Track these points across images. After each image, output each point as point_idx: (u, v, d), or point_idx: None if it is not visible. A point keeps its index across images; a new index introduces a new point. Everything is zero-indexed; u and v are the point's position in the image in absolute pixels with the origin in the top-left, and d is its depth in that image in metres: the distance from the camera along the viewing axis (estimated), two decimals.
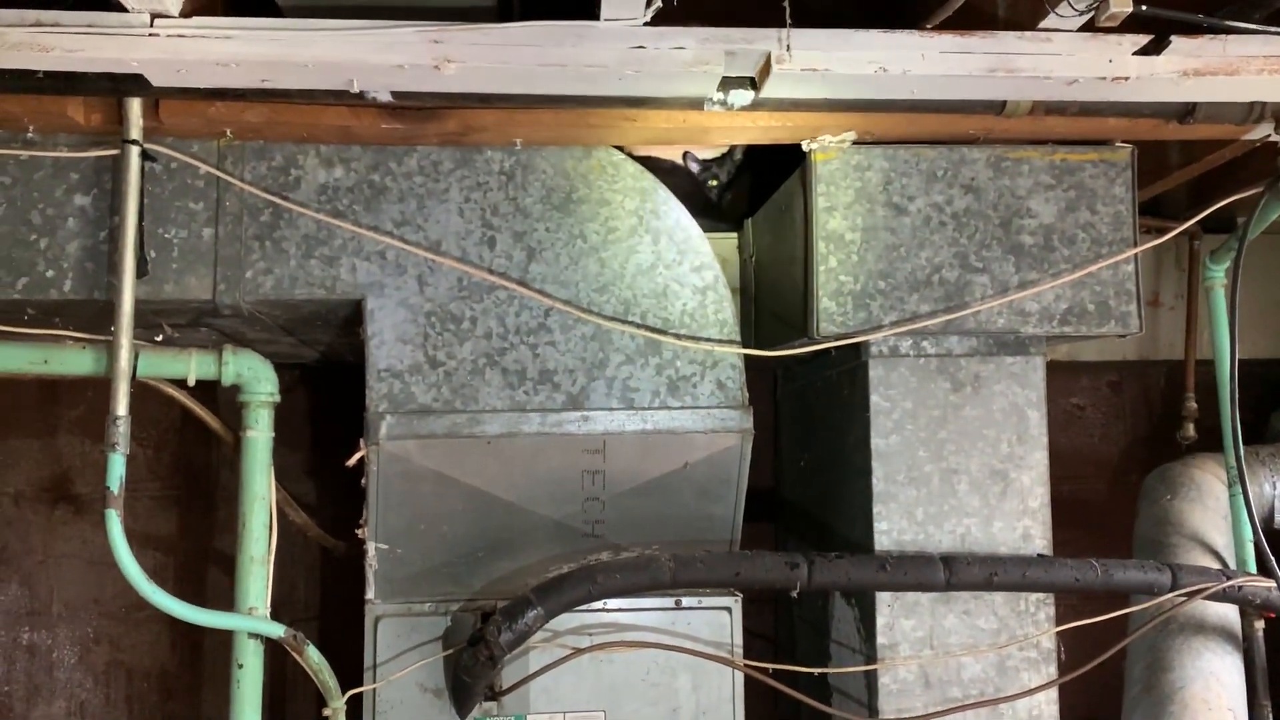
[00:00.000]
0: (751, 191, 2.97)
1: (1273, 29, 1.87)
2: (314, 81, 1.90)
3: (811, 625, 2.90)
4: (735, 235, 3.17)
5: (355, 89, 1.90)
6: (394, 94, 2.00)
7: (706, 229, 3.00)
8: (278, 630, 2.13)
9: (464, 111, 2.10)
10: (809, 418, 3.01)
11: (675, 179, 2.89)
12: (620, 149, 2.32)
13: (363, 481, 2.22)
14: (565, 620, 2.35)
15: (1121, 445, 3.67)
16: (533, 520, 2.33)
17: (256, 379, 2.19)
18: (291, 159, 2.22)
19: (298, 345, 2.77)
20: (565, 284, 2.26)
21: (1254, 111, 2.14)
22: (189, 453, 3.39)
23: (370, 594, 2.33)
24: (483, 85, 1.93)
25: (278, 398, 2.23)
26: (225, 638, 2.28)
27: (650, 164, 2.97)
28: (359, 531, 2.28)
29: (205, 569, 3.33)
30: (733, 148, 2.90)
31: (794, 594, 2.20)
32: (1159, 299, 3.42)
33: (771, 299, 2.75)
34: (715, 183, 2.97)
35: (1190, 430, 3.29)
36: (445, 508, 2.29)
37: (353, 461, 2.17)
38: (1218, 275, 2.72)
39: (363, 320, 2.21)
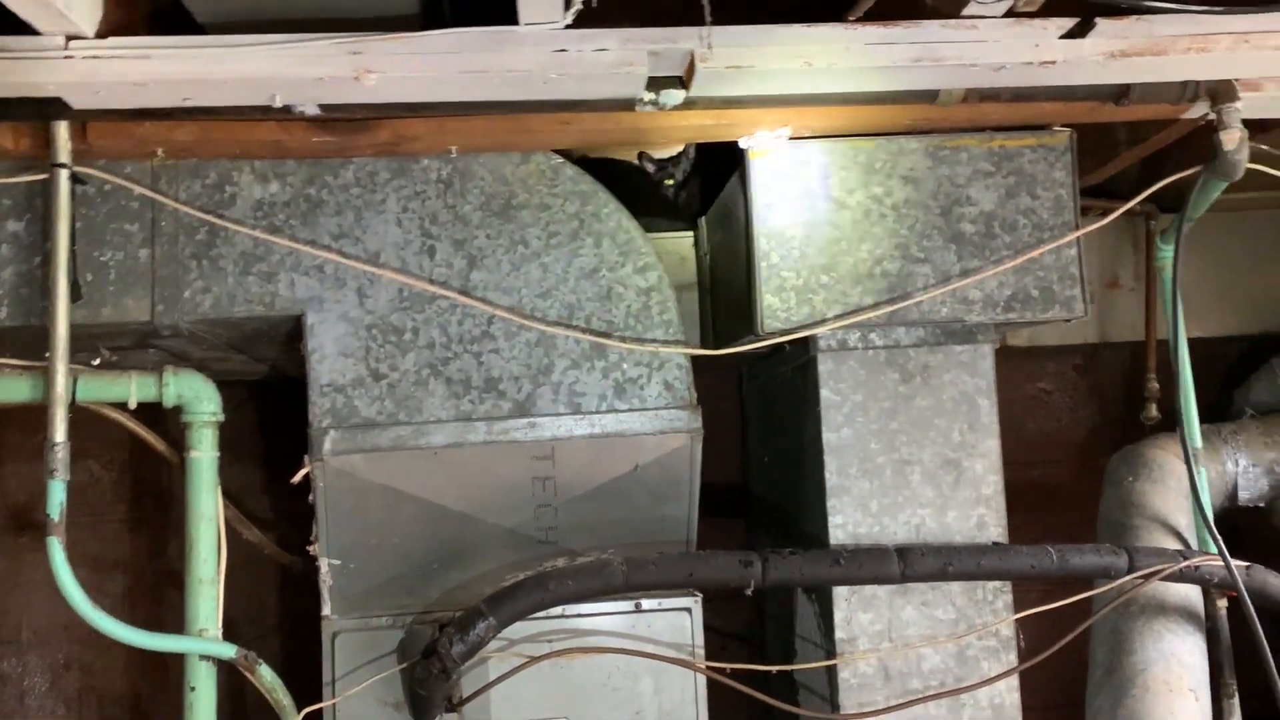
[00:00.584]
0: (704, 189, 2.97)
1: (1195, 8, 1.86)
2: (236, 98, 1.89)
3: (779, 622, 2.89)
4: (692, 234, 3.16)
5: (279, 103, 1.89)
6: (322, 106, 1.99)
7: (665, 228, 3.02)
8: (229, 651, 2.11)
9: (394, 121, 2.08)
10: (770, 414, 3.00)
11: (632, 181, 2.89)
12: (564, 153, 2.31)
13: (310, 498, 2.21)
14: (523, 628, 2.33)
15: (1088, 428, 3.67)
16: (485, 530, 2.32)
17: (198, 399, 2.18)
18: (226, 176, 2.21)
19: (249, 362, 2.76)
20: (508, 291, 2.25)
21: (1188, 90, 2.13)
22: (153, 475, 3.37)
23: (326, 610, 2.32)
24: (408, 95, 1.92)
25: (221, 417, 2.22)
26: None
27: (607, 166, 2.98)
28: (310, 548, 2.27)
29: (169, 591, 3.31)
30: (687, 146, 2.90)
31: (748, 592, 2.20)
32: (1118, 281, 3.42)
33: (725, 297, 2.74)
34: (671, 181, 2.96)
35: (1153, 411, 3.29)
36: (396, 520, 2.28)
37: (298, 478, 2.16)
38: (1168, 255, 2.70)
39: (303, 335, 2.20)
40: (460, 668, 2.11)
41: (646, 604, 2.41)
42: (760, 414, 3.18)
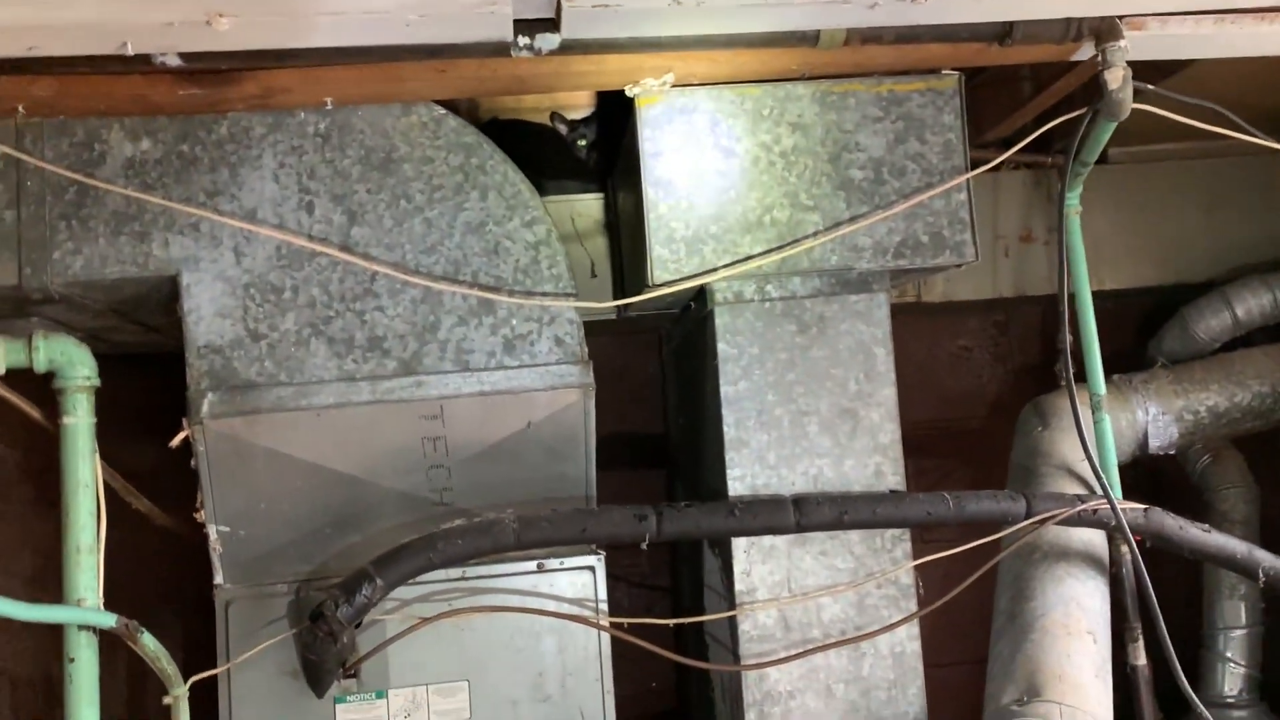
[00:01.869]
0: (612, 147, 2.92)
1: None
2: (85, 46, 1.82)
3: (691, 574, 2.88)
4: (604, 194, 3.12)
5: (131, 51, 1.82)
6: (184, 57, 1.92)
7: (580, 189, 2.97)
8: (109, 620, 2.06)
9: (262, 73, 2.02)
10: (681, 372, 2.98)
11: (545, 142, 2.84)
12: (476, 116, 2.26)
13: (192, 463, 2.16)
14: (423, 588, 2.31)
15: (1009, 384, 3.68)
16: (377, 492, 2.28)
17: (71, 364, 2.11)
18: (94, 134, 2.14)
19: (144, 332, 2.69)
20: (391, 247, 2.20)
21: (1071, 29, 2.12)
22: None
23: (218, 578, 2.28)
24: (266, 40, 1.86)
25: (96, 381, 2.15)
26: (111, 639, 2.20)
27: (519, 127, 2.93)
28: (197, 514, 2.22)
29: None
30: (598, 105, 2.85)
31: (643, 546, 2.18)
32: (1032, 234, 3.42)
33: (630, 252, 2.70)
34: (584, 142, 2.91)
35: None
36: (284, 485, 2.23)
37: (176, 442, 2.11)
38: (1073, 203, 2.71)
39: (179, 296, 2.14)
40: (347, 630, 2.07)
41: (550, 563, 2.39)
42: (675, 372, 3.16)
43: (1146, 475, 3.20)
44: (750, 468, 2.31)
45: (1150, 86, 2.20)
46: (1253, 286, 3.14)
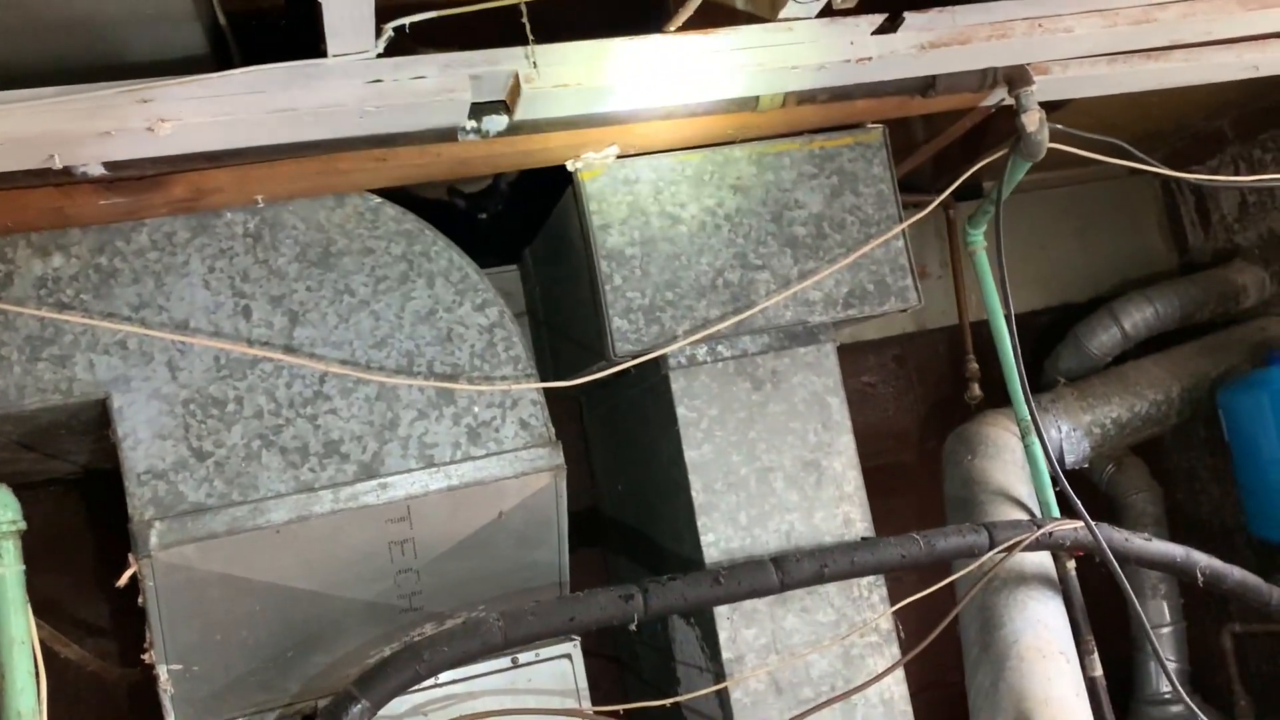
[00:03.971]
0: (525, 220, 2.88)
1: None
2: (6, 163, 1.66)
3: (653, 648, 2.82)
4: (516, 268, 3.07)
5: (58, 164, 1.68)
6: (108, 165, 1.79)
7: (485, 265, 2.90)
8: None
9: (191, 175, 1.89)
10: (619, 439, 2.93)
11: (442, 217, 2.76)
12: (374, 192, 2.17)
13: (139, 600, 1.97)
14: (396, 705, 2.17)
15: (915, 415, 3.80)
16: (342, 606, 2.14)
17: None
18: None
19: (42, 460, 2.46)
20: (338, 344, 2.08)
21: (988, 78, 2.22)
22: None
23: None
24: (209, 143, 1.75)
25: (22, 525, 1.94)
26: None
27: (413, 205, 2.84)
28: (145, 656, 2.02)
29: None
30: (497, 178, 2.80)
31: (633, 627, 2.11)
32: (926, 270, 3.56)
33: (565, 325, 2.66)
34: (484, 215, 2.86)
35: (976, 390, 3.42)
36: (241, 611, 2.07)
37: (123, 580, 1.92)
38: (978, 239, 2.83)
39: (111, 420, 1.97)
40: None
41: (523, 657, 2.29)
42: (607, 441, 3.11)
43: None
44: (723, 531, 2.29)
45: (1060, 126, 2.33)
46: (1136, 301, 3.35)
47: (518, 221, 2.92)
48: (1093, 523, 2.38)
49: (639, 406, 2.60)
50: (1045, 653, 2.38)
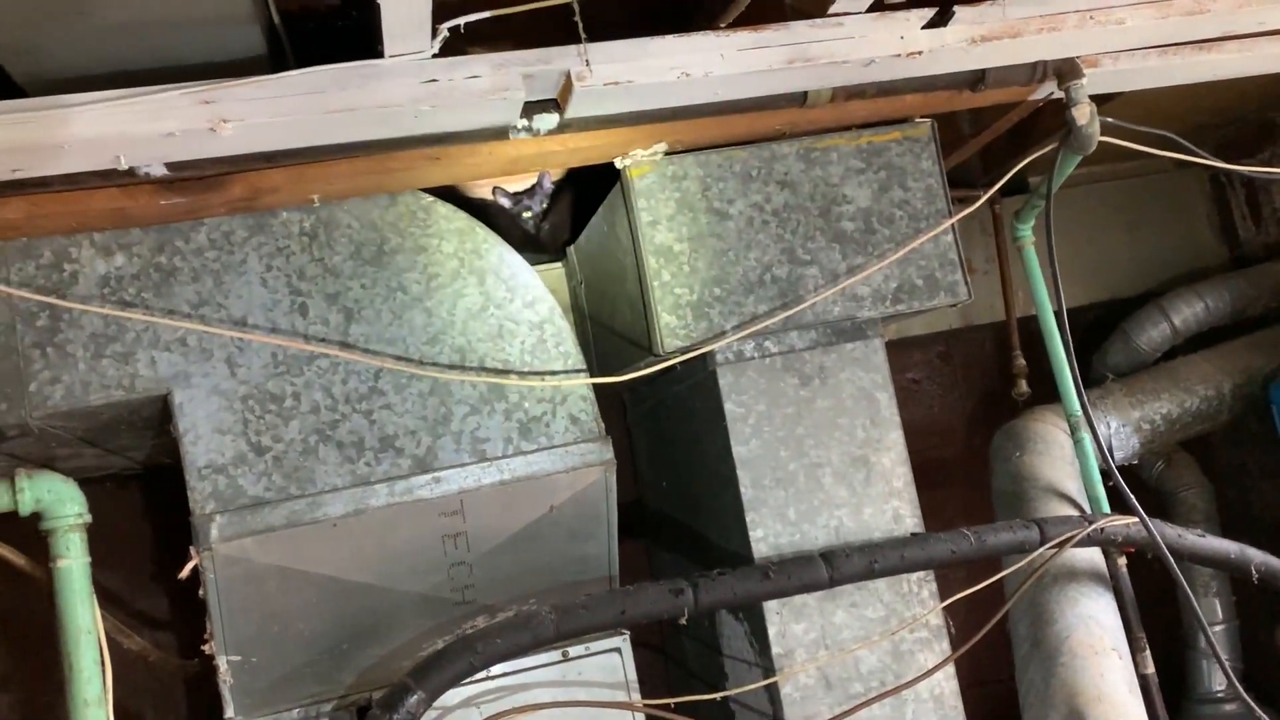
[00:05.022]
0: (571, 217, 2.90)
1: None
2: (76, 164, 1.71)
3: (701, 641, 2.83)
4: (560, 264, 3.09)
5: (124, 165, 1.72)
6: (169, 165, 1.83)
7: (531, 263, 2.93)
8: None
9: (249, 175, 1.93)
10: (664, 435, 2.95)
11: (488, 216, 2.79)
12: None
13: (200, 592, 2.01)
14: (449, 697, 2.20)
15: (961, 411, 3.78)
16: (396, 598, 2.17)
17: (60, 501, 1.95)
18: (63, 253, 2.00)
19: (102, 456, 2.52)
20: (392, 341, 2.12)
21: (1038, 71, 2.21)
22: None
23: (229, 712, 2.12)
24: (268, 143, 1.78)
25: (88, 518, 2.00)
26: None
27: (459, 205, 2.87)
28: (205, 647, 2.07)
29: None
30: (541, 176, 2.82)
31: (683, 621, 2.13)
32: (972, 265, 3.52)
33: (610, 322, 2.67)
34: (529, 214, 2.88)
35: (1023, 386, 3.40)
36: (298, 603, 2.10)
37: (185, 573, 1.96)
38: (1026, 234, 2.81)
39: (172, 416, 2.01)
40: None
41: (574, 651, 2.31)
42: (651, 437, 3.12)
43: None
44: (772, 526, 2.29)
45: (1110, 119, 2.31)
46: (1185, 297, 3.31)
47: (561, 218, 2.94)
48: (1148, 519, 2.35)
49: (685, 402, 2.61)
50: (1097, 649, 2.36)
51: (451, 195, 2.80)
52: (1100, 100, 2.60)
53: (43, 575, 2.00)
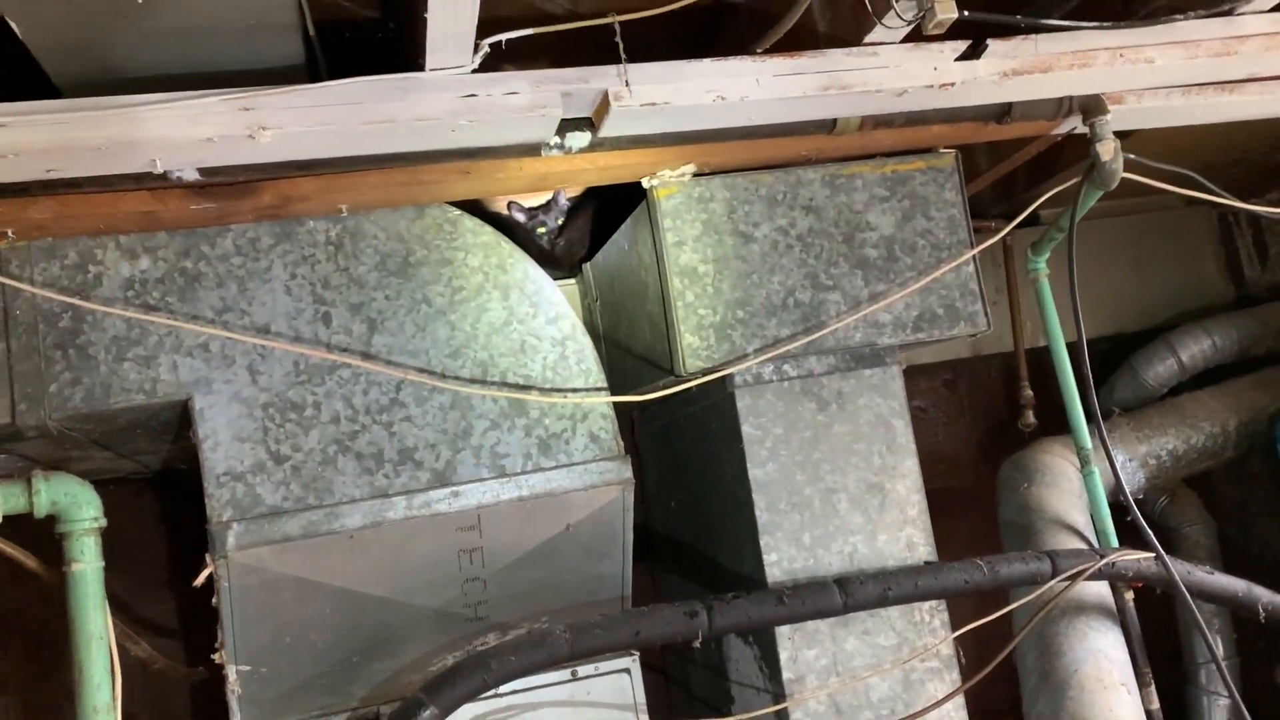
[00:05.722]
0: (588, 235, 2.90)
1: (1079, 24, 1.94)
2: (111, 166, 1.70)
3: (704, 665, 2.81)
4: (574, 281, 3.09)
5: (159, 169, 1.71)
6: (201, 171, 1.82)
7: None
8: None
9: (280, 182, 1.93)
10: (675, 456, 2.94)
11: (503, 231, 2.79)
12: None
13: (213, 600, 1.99)
14: (458, 715, 2.18)
15: (966, 440, 3.79)
16: (409, 613, 2.16)
17: (76, 505, 1.93)
18: (88, 254, 1.99)
19: (113, 459, 2.50)
20: (414, 353, 2.11)
21: (1063, 106, 2.23)
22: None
23: None
24: (304, 151, 1.78)
25: (103, 522, 1.98)
26: None
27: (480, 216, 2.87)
28: (215, 655, 2.05)
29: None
30: (556, 192, 2.83)
31: (696, 644, 2.12)
32: None
33: (628, 341, 2.67)
34: (544, 230, 2.88)
35: (1030, 417, 3.41)
36: (311, 614, 2.09)
37: (200, 580, 1.95)
38: (1040, 266, 2.82)
39: (192, 421, 2.00)
40: None
41: (583, 671, 2.29)
42: (660, 458, 3.12)
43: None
44: (786, 551, 2.29)
45: (1134, 156, 2.33)
46: (1193, 333, 3.33)
47: (577, 235, 2.94)
48: (1165, 555, 2.36)
49: (699, 423, 2.61)
50: (1106, 683, 2.36)
51: (468, 209, 2.82)
52: (1118, 136, 2.63)
53: (51, 577, 1.98)
